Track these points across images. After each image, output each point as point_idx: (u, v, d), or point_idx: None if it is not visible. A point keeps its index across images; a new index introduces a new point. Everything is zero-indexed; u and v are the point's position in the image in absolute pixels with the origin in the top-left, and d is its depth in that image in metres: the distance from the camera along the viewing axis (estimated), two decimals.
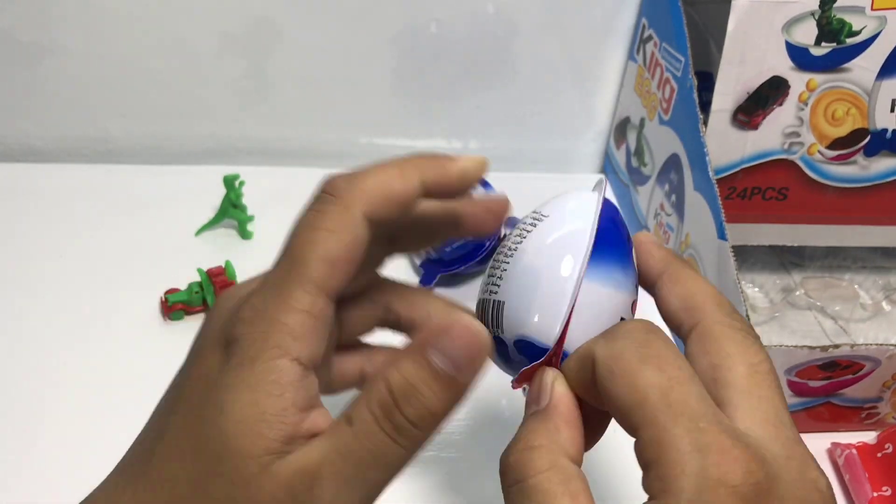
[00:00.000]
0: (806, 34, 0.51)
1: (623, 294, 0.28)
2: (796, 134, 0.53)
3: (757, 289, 0.59)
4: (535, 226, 0.28)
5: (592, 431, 0.27)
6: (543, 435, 0.25)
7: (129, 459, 0.25)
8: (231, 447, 0.22)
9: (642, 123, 0.62)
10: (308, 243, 0.24)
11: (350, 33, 0.62)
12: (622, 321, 0.27)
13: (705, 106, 0.52)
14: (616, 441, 0.27)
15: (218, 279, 0.52)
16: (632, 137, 0.65)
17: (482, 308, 0.29)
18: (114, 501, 0.24)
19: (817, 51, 0.51)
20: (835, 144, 0.53)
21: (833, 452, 0.49)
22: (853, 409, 0.50)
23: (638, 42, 0.63)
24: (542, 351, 0.27)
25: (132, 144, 0.66)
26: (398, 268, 0.58)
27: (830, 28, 0.51)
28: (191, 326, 0.52)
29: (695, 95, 0.51)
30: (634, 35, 0.64)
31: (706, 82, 0.53)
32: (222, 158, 0.67)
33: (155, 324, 0.52)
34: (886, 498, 0.45)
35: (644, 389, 0.23)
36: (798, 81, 0.52)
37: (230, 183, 0.57)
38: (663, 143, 0.57)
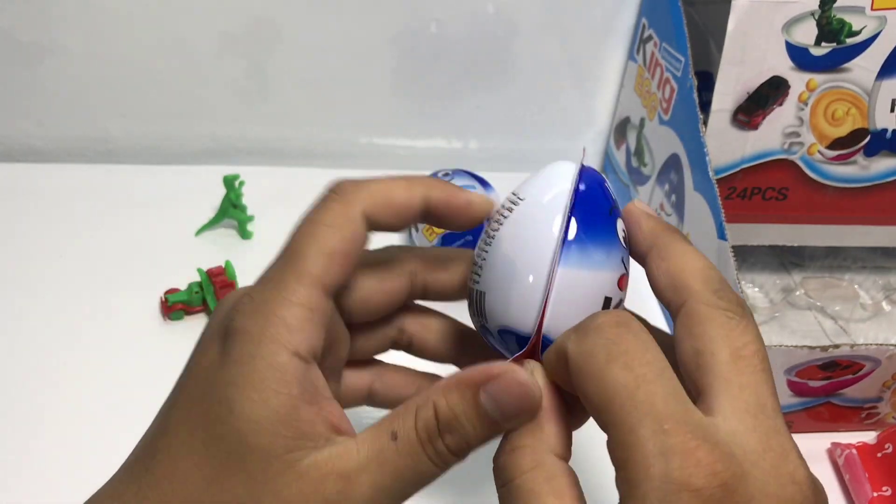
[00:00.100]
0: (806, 34, 0.51)
1: (605, 273, 0.27)
2: (796, 134, 0.53)
3: (757, 289, 0.59)
4: (512, 210, 0.28)
5: (582, 411, 0.26)
6: (527, 434, 0.25)
7: (133, 457, 0.25)
8: (249, 445, 0.23)
9: (642, 123, 0.62)
10: (307, 236, 0.25)
11: (350, 33, 0.62)
12: (597, 312, 0.26)
13: (705, 106, 0.52)
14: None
15: (218, 279, 0.52)
16: (632, 137, 0.65)
17: (469, 296, 0.29)
18: (118, 499, 0.24)
19: (817, 51, 0.51)
20: (835, 144, 0.53)
21: (833, 452, 0.49)
22: (853, 409, 0.50)
23: (638, 42, 0.63)
24: (526, 339, 0.27)
25: (132, 144, 0.66)
26: None
27: (830, 28, 0.51)
28: (191, 326, 0.52)
29: (695, 95, 0.51)
30: (634, 35, 0.64)
31: (706, 82, 0.53)
32: (222, 158, 0.67)
33: (155, 324, 0.52)
34: (886, 498, 0.45)
35: (611, 389, 0.22)
36: (798, 81, 0.52)
37: (230, 183, 0.57)
38: (663, 143, 0.57)
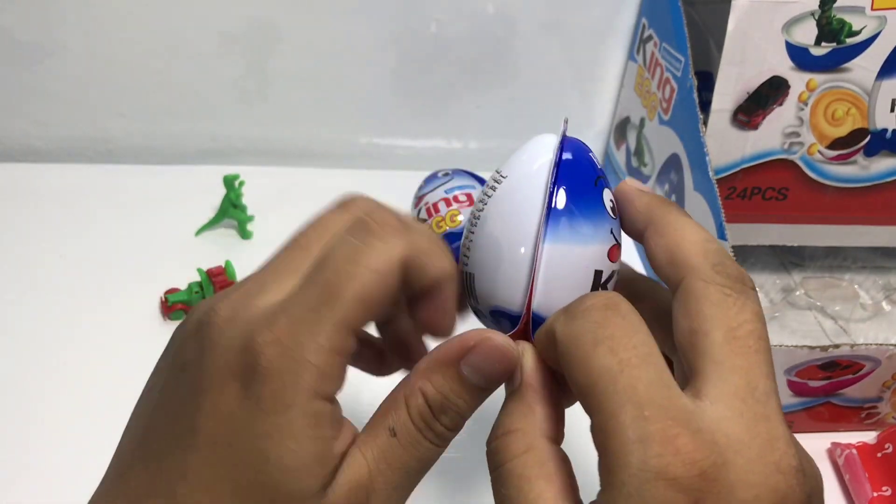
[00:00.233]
0: (806, 34, 0.51)
1: (594, 246, 0.26)
2: (796, 134, 0.53)
3: (757, 289, 0.59)
4: (495, 189, 0.28)
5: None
6: (518, 418, 0.25)
7: (136, 495, 0.24)
8: (286, 492, 0.23)
9: (642, 123, 0.62)
10: (347, 277, 0.23)
11: (350, 33, 0.62)
12: (587, 294, 0.25)
13: (705, 106, 0.52)
14: None
15: (218, 279, 0.52)
16: (632, 137, 0.65)
17: (461, 278, 0.29)
18: None
19: (817, 51, 0.51)
20: (835, 144, 0.53)
21: (833, 452, 0.49)
22: (853, 409, 0.50)
23: (638, 42, 0.63)
24: (518, 318, 0.27)
25: (132, 144, 0.66)
26: None
27: (830, 28, 0.51)
28: None
29: (695, 95, 0.51)
30: (634, 35, 0.64)
31: (706, 82, 0.53)
32: (222, 158, 0.67)
33: (155, 324, 0.52)
34: (886, 498, 0.45)
35: (595, 374, 0.22)
36: (798, 81, 0.52)
37: (230, 183, 0.57)
38: (663, 143, 0.57)
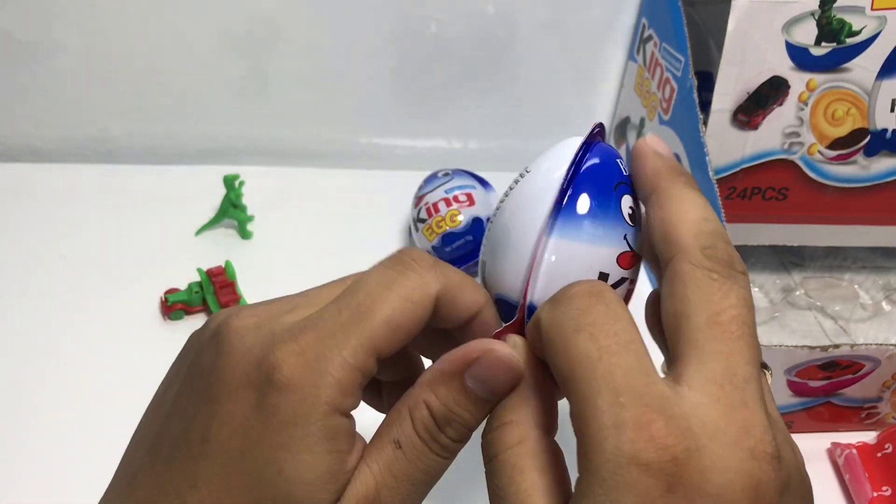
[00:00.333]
0: (806, 34, 0.51)
1: (602, 248, 0.26)
2: (796, 134, 0.53)
3: (757, 289, 0.59)
4: (518, 183, 0.28)
5: None
6: (512, 409, 0.25)
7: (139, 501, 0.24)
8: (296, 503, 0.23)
9: (642, 123, 0.62)
10: (379, 301, 0.24)
11: (350, 33, 0.62)
12: (574, 282, 0.25)
13: (705, 106, 0.52)
14: None
15: (218, 279, 0.52)
16: (632, 137, 0.65)
17: (482, 268, 0.29)
18: None
19: (817, 51, 0.51)
20: (835, 144, 0.53)
21: (833, 452, 0.49)
22: (853, 409, 0.50)
23: (638, 42, 0.63)
24: (517, 308, 0.27)
25: (132, 144, 0.66)
26: None
27: (830, 28, 0.51)
28: (191, 326, 0.52)
29: (695, 95, 0.51)
30: (634, 35, 0.64)
31: (706, 82, 0.53)
32: (222, 158, 0.67)
33: (155, 324, 0.52)
34: (886, 498, 0.45)
35: (574, 359, 0.22)
36: (798, 81, 0.52)
37: (230, 183, 0.57)
38: None
